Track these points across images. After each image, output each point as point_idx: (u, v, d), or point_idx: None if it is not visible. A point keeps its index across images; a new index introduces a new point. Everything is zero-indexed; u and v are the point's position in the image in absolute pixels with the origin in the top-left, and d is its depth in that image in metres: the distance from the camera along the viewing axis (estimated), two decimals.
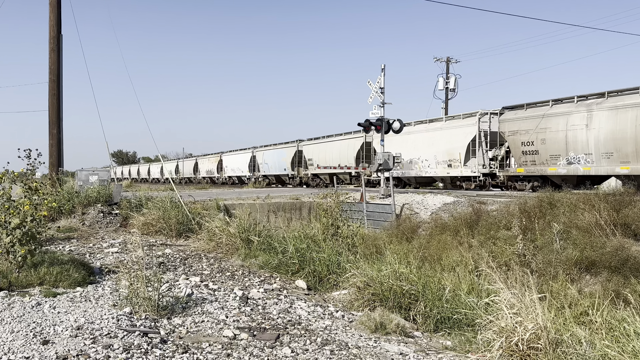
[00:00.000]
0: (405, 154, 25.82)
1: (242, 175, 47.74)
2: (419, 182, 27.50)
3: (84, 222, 13.94)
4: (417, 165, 26.60)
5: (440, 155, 24.96)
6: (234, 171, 49.75)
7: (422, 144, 26.18)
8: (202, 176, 57.47)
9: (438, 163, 25.20)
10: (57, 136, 17.50)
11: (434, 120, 26.53)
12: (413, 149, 26.54)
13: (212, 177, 54.86)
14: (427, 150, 25.78)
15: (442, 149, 24.85)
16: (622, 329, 4.85)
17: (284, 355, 5.21)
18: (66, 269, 7.55)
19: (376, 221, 16.29)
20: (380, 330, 6.35)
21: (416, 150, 26.43)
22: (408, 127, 26.61)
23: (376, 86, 19.99)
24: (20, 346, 4.83)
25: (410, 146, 26.58)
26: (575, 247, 9.33)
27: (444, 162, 24.84)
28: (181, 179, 61.52)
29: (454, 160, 24.13)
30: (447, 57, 43.78)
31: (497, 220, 11.90)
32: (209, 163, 56.81)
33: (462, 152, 23.58)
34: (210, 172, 55.58)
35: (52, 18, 17.36)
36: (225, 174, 51.40)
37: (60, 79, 17.65)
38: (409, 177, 27.56)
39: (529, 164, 20.28)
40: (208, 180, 54.78)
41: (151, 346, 5.07)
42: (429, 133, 26.04)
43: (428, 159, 25.77)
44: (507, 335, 4.75)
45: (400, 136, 26.49)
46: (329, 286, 8.76)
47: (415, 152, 26.54)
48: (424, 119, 27.14)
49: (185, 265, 9.66)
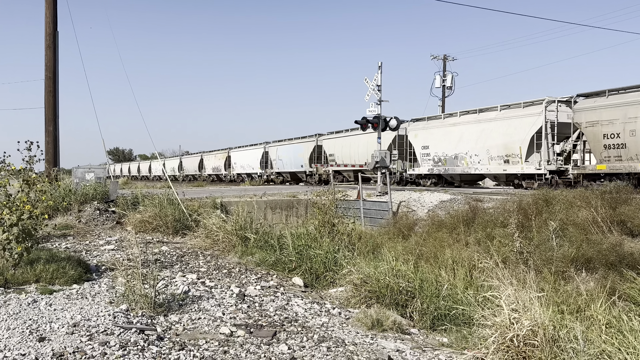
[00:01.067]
0: (448, 148, 23.73)
1: (253, 172, 44.51)
2: (465, 180, 24.64)
3: (80, 219, 13.91)
4: (463, 162, 23.29)
5: (495, 150, 21.74)
6: (243, 168, 46.70)
7: (471, 137, 22.93)
8: (208, 173, 54.58)
9: (491, 159, 21.98)
10: (54, 133, 17.45)
11: (485, 110, 23.01)
12: (459, 143, 23.37)
13: (219, 175, 51.90)
14: (478, 144, 22.54)
15: (498, 142, 21.61)
16: (618, 326, 4.86)
17: (281, 352, 5.21)
18: (62, 266, 7.53)
19: (373, 219, 16.31)
20: (377, 327, 6.36)
21: (463, 144, 23.24)
22: (452, 117, 24.39)
23: (373, 84, 19.99)
24: (16, 343, 4.81)
25: (454, 140, 23.61)
26: (572, 245, 9.36)
27: (499, 157, 21.61)
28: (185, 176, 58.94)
29: (513, 156, 20.92)
30: (444, 55, 43.83)
31: (494, 217, 11.92)
32: (215, 160, 53.43)
33: (524, 146, 20.36)
34: (217, 169, 52.75)
35: (48, 15, 17.30)
36: (234, 171, 48.38)
37: (56, 76, 17.60)
38: (452, 174, 24.37)
39: (613, 159, 17.33)
40: (214, 177, 52.25)
41: (148, 343, 5.06)
42: (479, 125, 22.69)
43: (478, 154, 22.55)
44: (502, 331, 4.76)
45: (442, 128, 24.33)
46: (326, 283, 8.77)
47: (461, 147, 23.31)
48: (472, 109, 23.74)
49: (182, 262, 9.65)
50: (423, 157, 25.79)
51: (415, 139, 26.35)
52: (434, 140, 24.71)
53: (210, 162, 54.82)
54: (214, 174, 53.23)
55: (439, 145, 24.64)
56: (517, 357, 4.59)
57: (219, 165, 52.32)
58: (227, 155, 50.24)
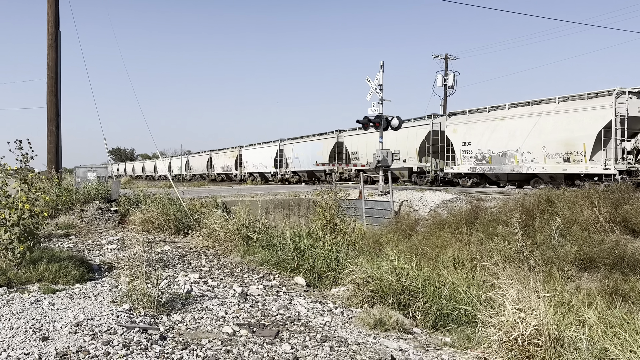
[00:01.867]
0: (494, 144, 21.71)
1: (266, 171, 42.68)
2: (512, 180, 22.26)
3: (82, 218, 13.92)
4: (513, 159, 21.13)
5: (552, 147, 19.57)
6: (255, 167, 44.98)
7: (523, 132, 20.73)
8: (217, 173, 52.81)
9: (548, 156, 19.75)
10: (55, 133, 17.48)
11: (539, 102, 20.68)
12: (508, 139, 21.28)
13: (228, 174, 50.18)
14: (531, 140, 20.35)
15: (556, 138, 19.44)
16: (621, 325, 4.86)
17: (284, 351, 5.21)
18: (65, 266, 7.54)
19: (375, 218, 16.30)
20: (380, 326, 6.36)
21: (513, 140, 21.12)
22: (498, 110, 22.07)
23: (375, 83, 19.98)
24: (19, 342, 4.82)
25: (502, 135, 21.52)
26: (574, 244, 9.35)
27: (558, 155, 19.44)
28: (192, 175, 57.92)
29: (575, 153, 18.75)
30: (445, 54, 43.80)
31: (496, 217, 11.91)
32: (225, 158, 51.66)
33: (589, 143, 18.19)
34: (227, 168, 50.95)
35: (50, 14, 17.32)
36: (246, 170, 46.58)
37: (58, 76, 17.62)
38: (498, 173, 22.20)
39: None
40: (224, 177, 50.61)
41: (151, 342, 5.06)
42: (533, 118, 20.38)
43: (532, 151, 20.37)
44: (506, 330, 4.75)
45: (487, 122, 22.22)
46: (328, 283, 8.77)
47: (511, 143, 21.22)
48: (523, 100, 21.38)
49: (184, 262, 9.66)
50: (463, 155, 23.73)
51: (454, 134, 24.33)
52: (476, 136, 22.58)
53: (219, 161, 53.14)
54: (223, 173, 51.50)
55: (483, 141, 22.55)
56: (520, 356, 4.59)
57: (229, 164, 50.60)
58: (238, 153, 48.51)
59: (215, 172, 53.53)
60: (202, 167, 57.00)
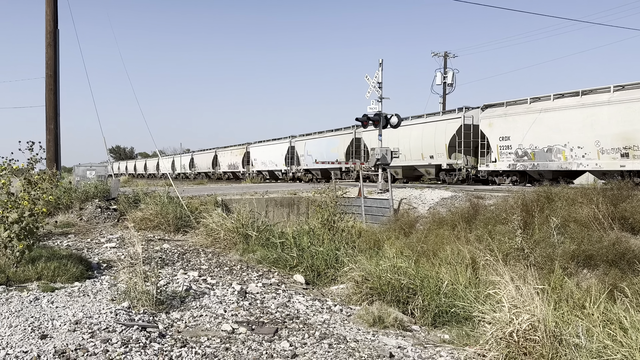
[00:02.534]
0: (538, 139, 19.84)
1: (276, 169, 40.56)
2: (558, 177, 19.93)
3: (81, 217, 13.92)
4: (560, 155, 19.25)
5: (607, 141, 17.69)
6: (265, 165, 42.67)
7: (571, 125, 18.82)
8: (223, 171, 50.89)
9: (602, 152, 17.95)
10: (55, 131, 17.47)
11: (590, 92, 18.79)
12: (554, 133, 19.36)
13: (235, 172, 48.00)
14: (582, 133, 18.52)
15: (612, 131, 17.55)
16: (619, 322, 4.86)
17: (283, 349, 5.21)
18: (64, 264, 7.55)
19: (374, 216, 16.30)
20: (379, 324, 6.37)
21: (560, 134, 19.15)
22: (541, 102, 20.09)
23: (374, 81, 19.96)
24: (18, 340, 4.82)
25: (546, 129, 19.60)
26: (573, 241, 9.36)
27: (614, 150, 17.56)
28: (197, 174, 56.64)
29: (635, 148, 16.90)
30: (444, 52, 43.74)
31: (495, 214, 11.91)
32: (231, 156, 49.21)
33: None
34: (233, 166, 48.93)
35: (49, 12, 17.30)
36: (254, 169, 44.26)
37: (57, 74, 17.61)
38: (542, 170, 20.14)
39: None
40: (230, 175, 48.92)
41: (150, 340, 5.07)
42: (584, 110, 18.59)
43: (583, 146, 18.52)
44: (500, 327, 4.76)
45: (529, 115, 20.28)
46: (327, 280, 8.78)
47: (558, 137, 19.21)
48: (570, 91, 19.34)
49: (183, 260, 9.67)
50: (501, 151, 21.79)
51: (489, 128, 22.32)
52: (516, 130, 20.67)
53: (225, 159, 51.25)
54: (230, 171, 49.69)
55: (524, 136, 20.59)
56: (518, 352, 4.60)
57: (236, 162, 48.65)
58: (246, 151, 46.56)
59: (221, 170, 51.86)
60: (207, 165, 55.30)
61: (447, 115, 25.09)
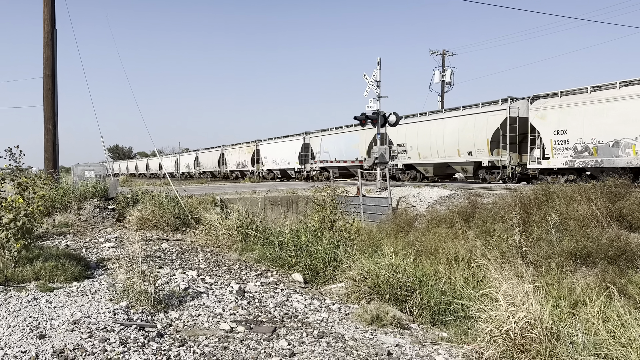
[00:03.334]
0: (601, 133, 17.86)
1: (289, 168, 38.35)
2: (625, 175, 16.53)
3: (79, 217, 13.91)
4: (628, 150, 17.21)
5: None
6: (276, 163, 40.75)
7: None
8: (230, 170, 49.28)
9: None
10: (53, 131, 17.45)
11: None
12: (621, 125, 17.27)
13: (243, 171, 46.16)
14: None
15: None
16: (617, 320, 4.87)
17: (281, 347, 5.21)
18: (62, 264, 7.55)
19: (373, 214, 16.31)
20: (377, 322, 6.37)
21: (627, 127, 17.10)
22: (606, 90, 18.18)
23: (372, 79, 19.98)
24: (16, 341, 4.82)
25: (612, 120, 17.51)
26: (572, 239, 9.37)
27: None
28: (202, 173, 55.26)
29: None
30: (443, 50, 43.80)
31: (494, 212, 11.92)
32: (240, 154, 47.15)
33: None
34: (242, 164, 47.17)
35: (46, 12, 17.28)
36: (264, 167, 42.38)
37: (54, 74, 17.59)
38: (606, 167, 17.83)
39: None
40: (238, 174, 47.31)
41: (148, 340, 5.07)
42: None
43: None
44: (497, 324, 4.77)
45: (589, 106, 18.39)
46: (326, 279, 8.78)
47: (625, 130, 17.15)
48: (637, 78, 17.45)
49: (181, 259, 9.66)
50: (556, 146, 19.67)
51: (541, 121, 20.24)
52: (575, 122, 18.76)
53: (233, 157, 49.45)
54: (238, 170, 47.93)
55: (584, 129, 18.63)
56: (515, 350, 4.60)
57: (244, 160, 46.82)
58: (255, 148, 44.64)
59: (228, 169, 50.06)
60: (213, 164, 53.46)
61: (489, 107, 22.64)
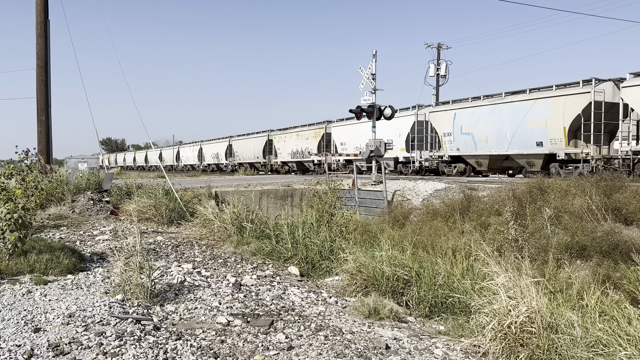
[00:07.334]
0: None
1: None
2: None
3: (74, 209, 13.81)
4: None
5: None
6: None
7: None
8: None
9: None
10: (46, 123, 17.29)
11: None
12: None
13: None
14: None
15: None
16: (613, 313, 4.88)
17: (278, 341, 5.19)
18: (57, 256, 7.48)
19: (368, 208, 16.30)
20: (374, 315, 6.36)
21: None
22: None
23: (367, 72, 19.90)
24: (11, 334, 4.78)
25: None
26: (567, 232, 9.39)
27: None
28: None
29: None
30: (438, 44, 43.65)
31: (489, 206, 11.94)
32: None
33: None
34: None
35: (39, 3, 17.07)
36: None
37: (48, 65, 17.40)
38: None
39: None
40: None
41: (144, 333, 5.03)
42: None
43: None
44: (499, 319, 4.76)
45: None
46: (322, 272, 8.76)
47: None
48: None
49: (177, 252, 9.62)
50: None
51: None
52: None
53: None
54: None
55: None
56: (514, 344, 4.61)
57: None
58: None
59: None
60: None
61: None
